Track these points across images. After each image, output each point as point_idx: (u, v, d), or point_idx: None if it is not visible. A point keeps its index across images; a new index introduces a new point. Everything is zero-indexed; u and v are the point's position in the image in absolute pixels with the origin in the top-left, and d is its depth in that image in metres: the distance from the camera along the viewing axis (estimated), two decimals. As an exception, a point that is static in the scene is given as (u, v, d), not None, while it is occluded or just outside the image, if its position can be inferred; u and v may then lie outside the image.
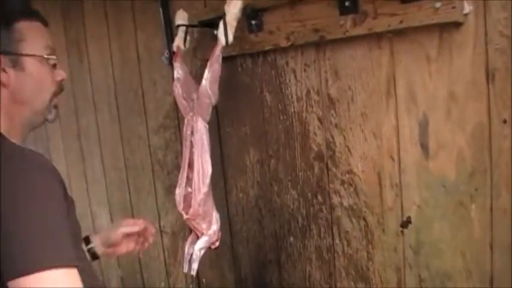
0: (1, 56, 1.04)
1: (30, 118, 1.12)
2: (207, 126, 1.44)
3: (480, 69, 1.07)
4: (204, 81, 1.40)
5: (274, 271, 1.65)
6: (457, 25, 1.08)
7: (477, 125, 1.10)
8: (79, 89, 2.35)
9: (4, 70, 1.05)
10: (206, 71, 1.40)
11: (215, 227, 1.49)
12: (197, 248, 1.47)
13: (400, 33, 1.18)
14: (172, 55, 1.64)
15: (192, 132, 1.45)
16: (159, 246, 2.09)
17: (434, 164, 1.19)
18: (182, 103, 1.48)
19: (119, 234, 1.44)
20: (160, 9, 1.82)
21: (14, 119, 1.09)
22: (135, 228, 1.46)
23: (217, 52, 1.39)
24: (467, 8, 1.06)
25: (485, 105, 1.08)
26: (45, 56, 1.11)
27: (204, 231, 1.47)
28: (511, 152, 1.05)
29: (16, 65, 1.06)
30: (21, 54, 1.07)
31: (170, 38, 1.77)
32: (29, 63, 1.08)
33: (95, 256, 1.43)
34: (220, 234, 1.51)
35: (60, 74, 1.16)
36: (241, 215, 1.74)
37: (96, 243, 1.43)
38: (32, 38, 1.09)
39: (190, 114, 1.46)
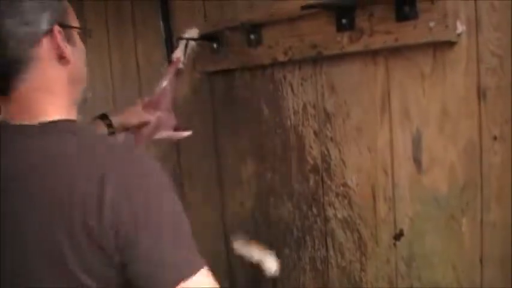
0: (60, 29, 0.86)
1: (79, 100, 0.95)
2: None
3: (472, 87, 1.10)
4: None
5: (268, 282, 1.67)
6: (450, 44, 1.11)
7: (469, 141, 1.12)
8: (78, 99, 2.36)
9: (65, 45, 0.87)
10: None
11: None
12: None
13: (395, 51, 1.21)
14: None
15: None
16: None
17: (426, 178, 1.21)
18: None
19: (134, 123, 1.38)
20: (161, 22, 1.85)
21: (68, 104, 0.91)
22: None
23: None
24: (460, 27, 1.08)
25: (477, 121, 1.10)
26: (87, 29, 0.97)
27: None
28: (501, 167, 1.08)
29: (70, 39, 0.89)
30: (73, 27, 0.90)
31: (170, 49, 1.80)
32: (76, 37, 0.92)
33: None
34: None
35: None
36: (237, 226, 1.75)
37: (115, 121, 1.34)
38: (70, 9, 0.91)
39: None
